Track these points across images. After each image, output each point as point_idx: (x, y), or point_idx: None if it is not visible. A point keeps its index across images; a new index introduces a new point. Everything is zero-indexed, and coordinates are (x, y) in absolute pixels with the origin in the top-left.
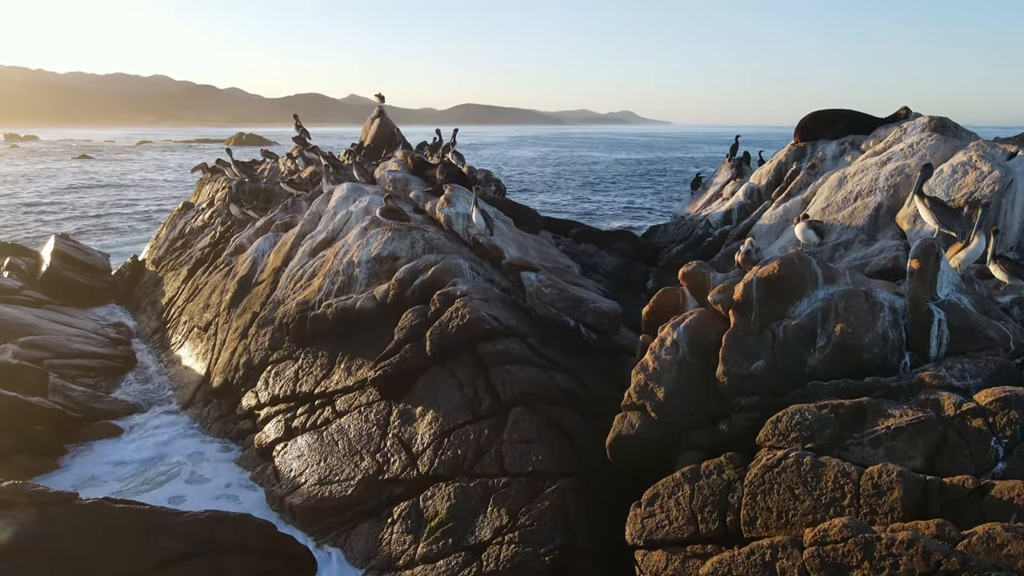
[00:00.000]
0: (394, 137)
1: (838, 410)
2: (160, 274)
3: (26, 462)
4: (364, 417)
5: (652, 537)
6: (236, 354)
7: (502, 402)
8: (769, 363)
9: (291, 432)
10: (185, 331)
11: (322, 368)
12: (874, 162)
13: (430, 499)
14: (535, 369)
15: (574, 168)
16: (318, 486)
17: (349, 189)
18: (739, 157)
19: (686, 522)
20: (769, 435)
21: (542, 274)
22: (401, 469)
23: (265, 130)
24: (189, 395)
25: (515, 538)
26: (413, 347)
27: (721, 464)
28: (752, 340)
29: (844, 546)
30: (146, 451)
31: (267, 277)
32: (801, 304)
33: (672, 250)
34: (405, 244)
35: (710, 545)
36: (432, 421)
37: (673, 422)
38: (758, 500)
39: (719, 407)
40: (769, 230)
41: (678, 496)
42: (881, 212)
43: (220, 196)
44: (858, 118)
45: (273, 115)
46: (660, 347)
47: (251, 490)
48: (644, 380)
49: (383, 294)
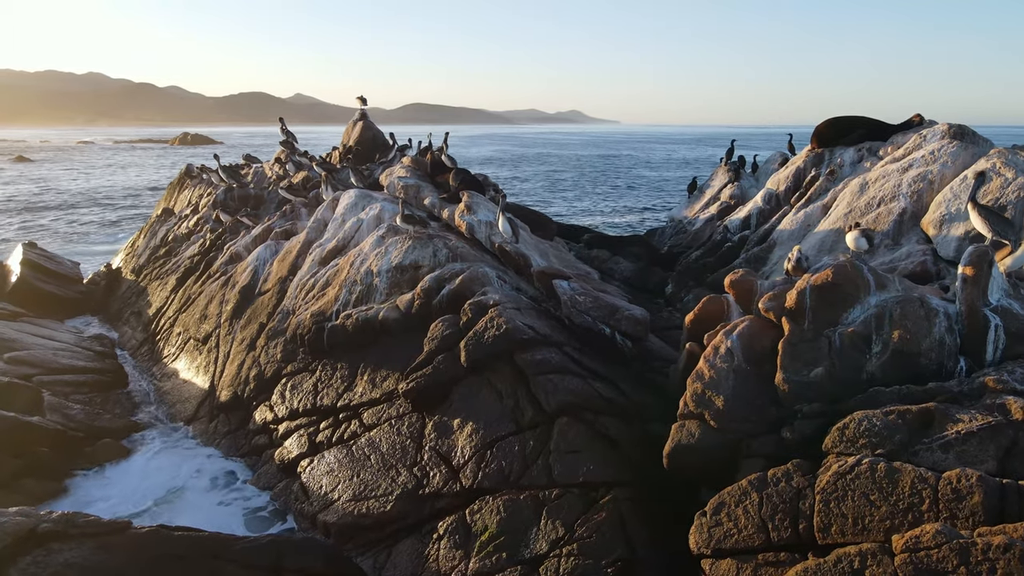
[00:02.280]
0: (377, 140)
1: (905, 416)
2: (143, 284)
3: (33, 487)
4: (396, 430)
5: (720, 546)
6: (245, 367)
7: (546, 412)
8: (828, 370)
9: (316, 447)
10: (179, 343)
11: (343, 380)
12: (895, 168)
13: (477, 513)
14: (575, 378)
15: (536, 169)
16: (353, 502)
17: (357, 196)
18: (735, 161)
19: (756, 530)
20: (836, 442)
21: (574, 282)
22: (443, 483)
23: (211, 130)
24: (191, 410)
25: (574, 550)
26: (446, 358)
27: (789, 471)
28: (807, 347)
29: (938, 552)
30: (157, 471)
31: (272, 287)
32: (854, 311)
33: (691, 255)
34: (427, 252)
35: (783, 553)
36: (472, 433)
37: (733, 430)
38: (832, 507)
39: (777, 414)
40: (791, 235)
41: (746, 504)
42: (905, 217)
43: (205, 202)
44: (874, 125)
45: (217, 114)
46: (714, 355)
47: (274, 507)
48: (701, 389)
49: (407, 304)
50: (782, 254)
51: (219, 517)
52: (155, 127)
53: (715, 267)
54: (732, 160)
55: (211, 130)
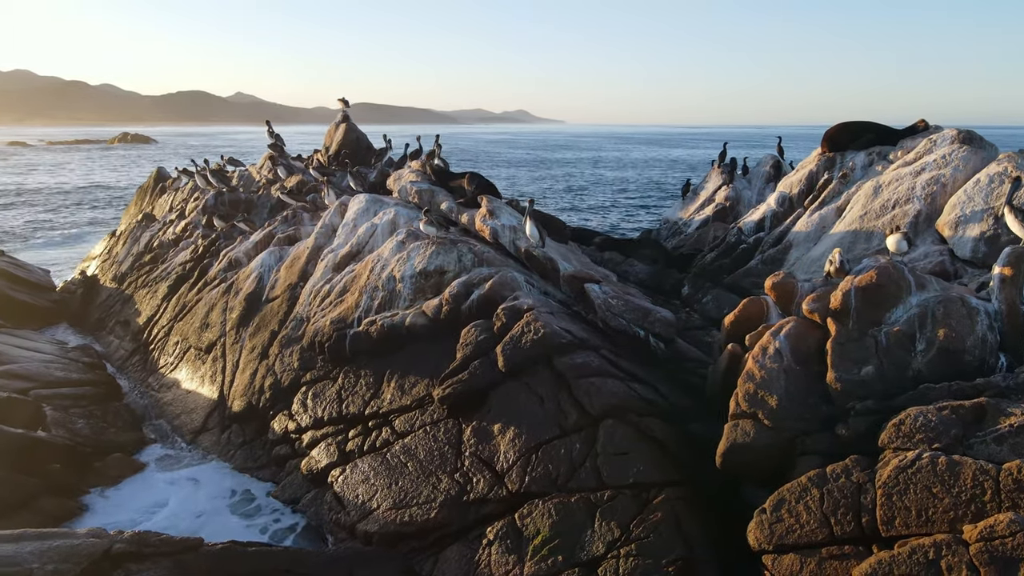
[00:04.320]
0: (361, 142)
1: (958, 411)
2: (128, 292)
3: (50, 505)
4: (431, 436)
5: (783, 542)
6: (258, 376)
7: (590, 415)
8: (877, 368)
9: (347, 456)
10: (178, 352)
11: (368, 387)
12: (908, 172)
13: (527, 517)
14: (616, 381)
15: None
16: (394, 510)
17: (368, 201)
18: (727, 163)
19: (819, 525)
20: (893, 437)
21: (605, 285)
22: (488, 488)
23: (150, 129)
24: (199, 421)
25: (632, 551)
26: (482, 363)
27: (848, 467)
28: (855, 346)
29: (1012, 540)
30: (173, 486)
31: (281, 293)
32: (897, 311)
33: (706, 257)
34: (452, 258)
35: (847, 546)
36: (515, 438)
37: (787, 428)
38: (894, 500)
39: (828, 412)
40: (806, 237)
41: (807, 500)
42: (920, 219)
43: (192, 207)
44: (882, 130)
45: (154, 114)
46: (763, 356)
47: (303, 518)
48: (754, 389)
49: (435, 309)
50: (799, 255)
51: (248, 532)
52: (90, 127)
53: (731, 268)
54: (725, 162)
55: (150, 130)
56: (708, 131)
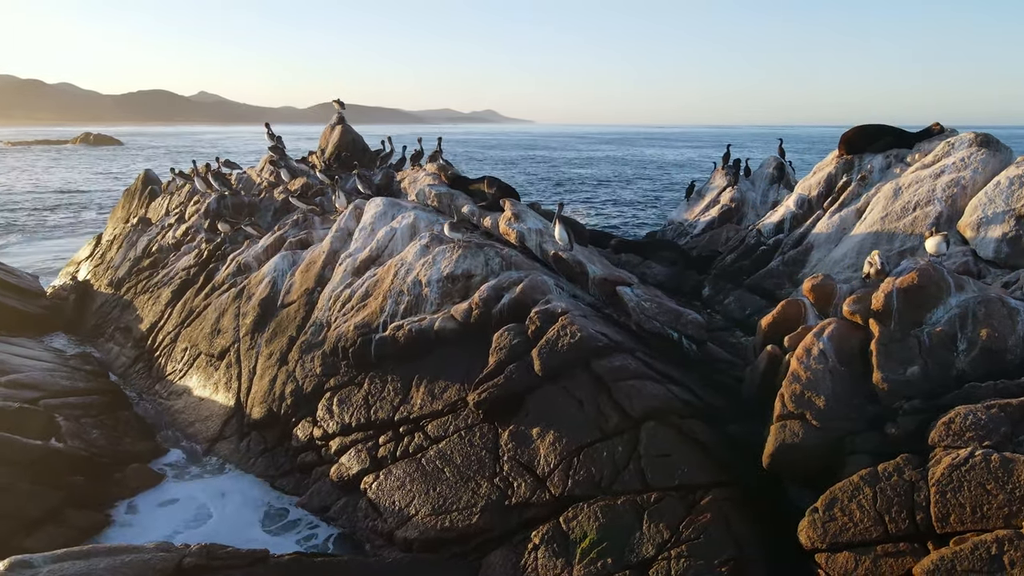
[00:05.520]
0: (357, 144)
1: (1006, 409)
2: (127, 297)
3: (77, 518)
4: (467, 441)
5: (837, 540)
6: (278, 382)
7: (631, 418)
8: (922, 368)
9: (379, 462)
10: (187, 359)
11: (396, 393)
12: (927, 174)
13: (573, 520)
14: (654, 383)
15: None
16: (433, 516)
17: (386, 204)
18: (732, 165)
19: (873, 523)
20: (943, 436)
21: (637, 288)
22: (530, 492)
23: (113, 129)
24: (215, 429)
25: (683, 551)
26: (518, 367)
27: (900, 465)
28: (898, 347)
29: None
30: (197, 496)
31: (298, 298)
32: (937, 311)
33: (726, 258)
34: (479, 261)
35: (902, 543)
36: (555, 441)
37: (835, 428)
38: (948, 497)
39: (874, 411)
40: (827, 238)
41: (859, 499)
42: (941, 220)
43: (193, 211)
44: (898, 133)
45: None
46: (807, 357)
47: (335, 526)
48: (800, 390)
49: (464, 313)
50: (820, 256)
51: (284, 541)
52: (49, 127)
53: (750, 270)
54: (729, 164)
55: (113, 130)
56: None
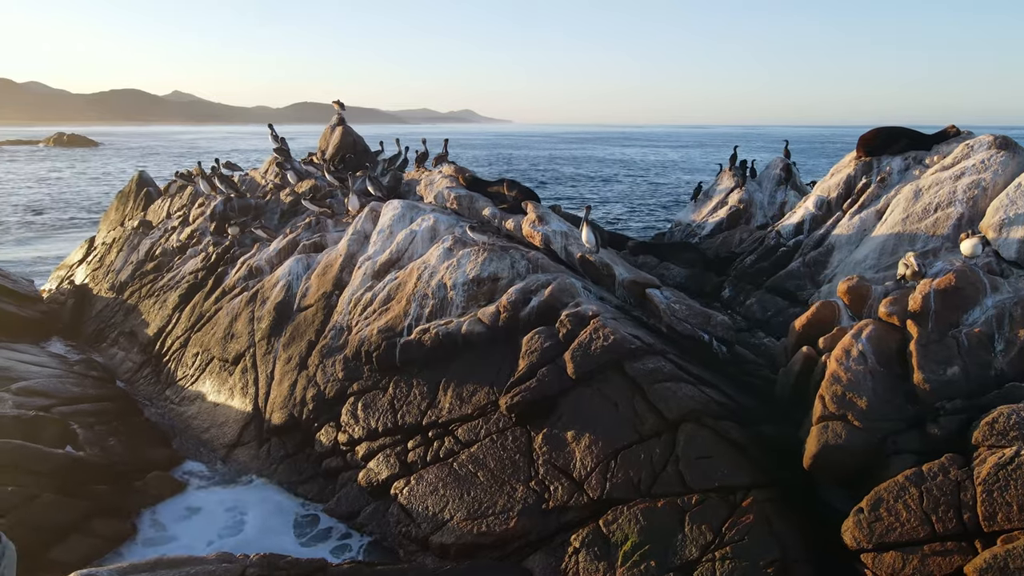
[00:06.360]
0: (358, 145)
1: None
2: (131, 302)
3: (103, 528)
4: (499, 445)
5: (883, 540)
6: (298, 387)
7: (667, 420)
8: (962, 368)
9: (409, 467)
10: (199, 364)
11: (423, 397)
12: (948, 176)
13: (613, 523)
14: (688, 385)
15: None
16: (469, 521)
17: (404, 207)
18: (739, 166)
19: (920, 523)
20: (987, 435)
21: (666, 291)
22: (567, 496)
23: (86, 129)
24: (233, 435)
25: (727, 553)
26: (550, 370)
27: (944, 465)
28: (937, 348)
29: None
30: (225, 503)
31: (315, 302)
32: (973, 312)
33: (745, 260)
34: (505, 264)
35: (949, 542)
36: (591, 444)
37: (878, 429)
38: (995, 496)
39: (914, 412)
40: (848, 240)
41: (905, 499)
42: (963, 222)
43: (197, 213)
44: (915, 135)
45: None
46: (846, 358)
47: (364, 532)
48: (841, 391)
49: (492, 316)
50: (842, 257)
51: (318, 548)
52: (19, 126)
53: (770, 271)
54: (736, 165)
55: (86, 130)
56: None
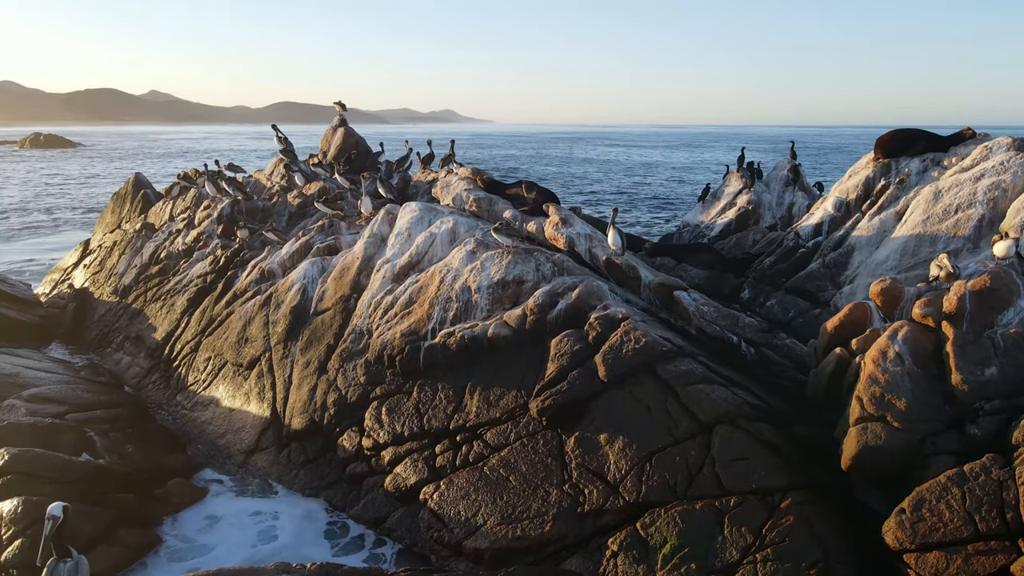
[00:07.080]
0: (360, 147)
1: None
2: (136, 306)
3: (128, 537)
4: (531, 449)
5: (927, 540)
6: (318, 391)
7: (701, 422)
8: (1000, 369)
9: (438, 472)
10: (211, 369)
11: (449, 401)
12: (967, 177)
13: (651, 526)
14: (721, 387)
15: None
16: (503, 526)
17: (422, 209)
18: (747, 167)
19: (963, 523)
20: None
21: (693, 293)
22: (602, 499)
23: (62, 129)
24: (251, 441)
25: (769, 555)
26: (580, 373)
27: (986, 465)
28: (974, 348)
29: None
30: (247, 510)
31: (332, 306)
32: (1008, 313)
33: (764, 261)
34: (530, 267)
35: (992, 542)
36: (624, 447)
37: (917, 430)
38: None
39: (953, 412)
40: (868, 241)
41: (948, 499)
42: (984, 223)
43: (203, 216)
44: (932, 137)
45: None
46: (883, 360)
47: (392, 537)
48: (880, 392)
49: (518, 319)
50: (862, 259)
51: (350, 555)
52: None
53: (789, 273)
54: (743, 167)
55: (63, 129)
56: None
